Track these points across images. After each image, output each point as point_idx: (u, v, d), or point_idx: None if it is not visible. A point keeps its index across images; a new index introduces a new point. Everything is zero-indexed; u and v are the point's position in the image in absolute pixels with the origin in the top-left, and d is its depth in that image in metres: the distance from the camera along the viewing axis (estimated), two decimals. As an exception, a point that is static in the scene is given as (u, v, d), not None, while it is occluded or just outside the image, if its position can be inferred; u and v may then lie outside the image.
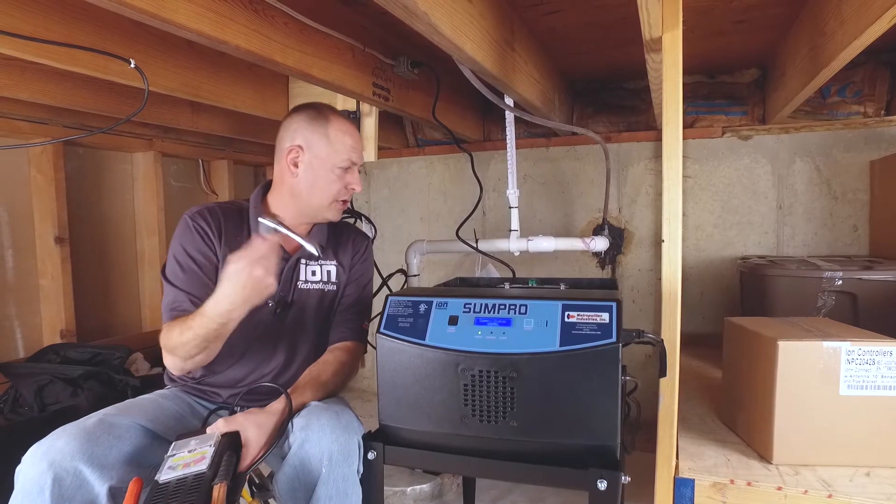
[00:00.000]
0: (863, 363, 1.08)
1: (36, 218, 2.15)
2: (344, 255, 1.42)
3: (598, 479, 0.99)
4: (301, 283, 1.35)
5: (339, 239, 1.44)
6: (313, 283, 1.37)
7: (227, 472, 0.94)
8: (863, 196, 2.25)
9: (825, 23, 1.48)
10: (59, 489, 0.95)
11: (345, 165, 1.31)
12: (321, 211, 1.34)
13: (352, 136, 1.34)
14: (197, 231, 1.27)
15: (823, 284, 1.67)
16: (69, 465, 0.97)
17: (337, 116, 1.34)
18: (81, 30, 1.29)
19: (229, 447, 1.00)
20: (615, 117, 2.59)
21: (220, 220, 1.30)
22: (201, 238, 1.27)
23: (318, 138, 1.29)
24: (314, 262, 1.38)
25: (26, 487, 0.95)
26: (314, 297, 1.36)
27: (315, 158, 1.30)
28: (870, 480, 1.06)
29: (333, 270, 1.40)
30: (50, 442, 1.00)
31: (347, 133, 1.33)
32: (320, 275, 1.38)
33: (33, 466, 0.97)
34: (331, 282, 1.39)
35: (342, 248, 1.43)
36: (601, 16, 1.75)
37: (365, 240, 1.49)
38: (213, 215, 1.30)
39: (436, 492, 2.07)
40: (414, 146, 2.98)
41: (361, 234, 1.50)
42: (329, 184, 1.31)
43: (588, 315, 1.06)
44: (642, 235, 2.58)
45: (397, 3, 0.98)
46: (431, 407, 1.11)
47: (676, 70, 1.08)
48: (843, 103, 2.24)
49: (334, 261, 1.40)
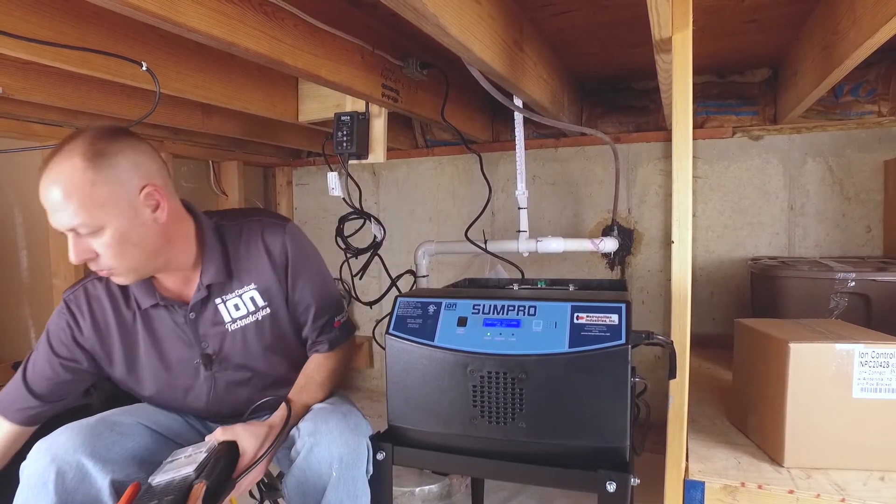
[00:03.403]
0: (876, 366, 1.07)
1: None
2: (261, 269, 1.18)
3: (608, 481, 0.98)
4: (230, 324, 1.17)
5: (248, 255, 1.19)
6: (242, 318, 1.18)
7: (210, 474, 0.94)
8: (876, 196, 2.22)
9: (838, 21, 1.46)
10: (63, 483, 0.97)
11: (61, 231, 1.00)
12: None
13: (48, 197, 0.97)
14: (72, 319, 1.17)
15: (836, 286, 1.66)
16: (72, 459, 0.98)
17: (47, 167, 0.98)
18: (95, 34, 1.31)
19: (225, 454, 1.00)
20: (624, 118, 2.58)
21: (102, 300, 1.16)
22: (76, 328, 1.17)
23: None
24: (231, 294, 1.17)
25: (30, 482, 0.97)
26: (251, 331, 1.19)
27: None
28: (884, 485, 1.04)
29: (256, 294, 1.18)
30: (53, 437, 1.01)
31: (43, 190, 0.98)
32: (244, 307, 1.18)
33: (37, 461, 0.98)
34: (259, 308, 1.19)
35: (253, 263, 1.19)
36: (610, 16, 1.74)
37: (280, 234, 1.20)
38: (91, 297, 1.17)
39: (444, 492, 2.07)
40: (423, 147, 2.98)
41: (274, 230, 1.20)
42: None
43: (597, 316, 1.05)
44: (652, 236, 2.56)
45: (406, 5, 0.99)
46: (440, 408, 1.11)
47: (686, 70, 1.07)
48: (857, 102, 2.21)
49: (251, 284, 1.18)
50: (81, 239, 1.00)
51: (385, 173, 3.07)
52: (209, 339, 1.18)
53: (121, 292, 1.16)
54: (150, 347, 1.18)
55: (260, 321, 1.20)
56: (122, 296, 1.16)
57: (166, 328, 1.18)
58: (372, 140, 1.97)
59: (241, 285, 1.18)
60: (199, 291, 1.15)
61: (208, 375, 1.20)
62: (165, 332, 1.18)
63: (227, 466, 0.99)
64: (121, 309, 1.16)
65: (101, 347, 1.17)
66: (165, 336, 1.18)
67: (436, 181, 2.96)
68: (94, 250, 1.01)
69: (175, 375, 1.20)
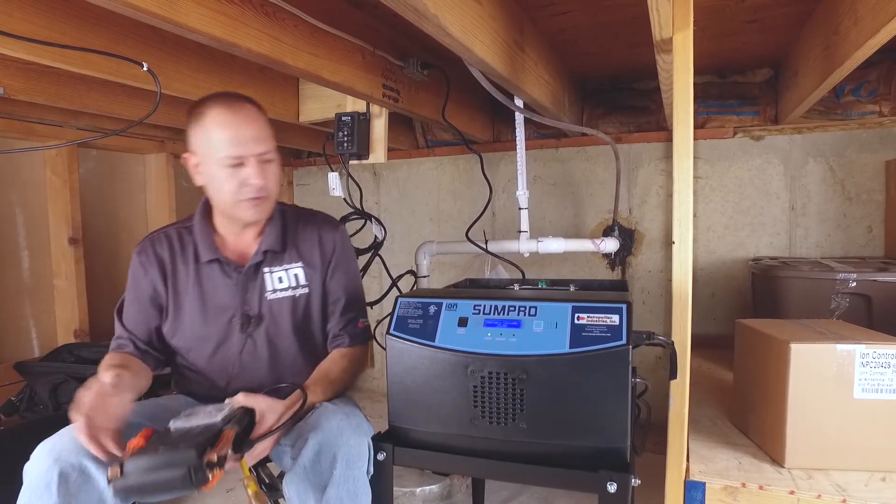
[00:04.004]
0: (878, 366, 1.07)
1: (51, 219, 2.18)
2: (310, 253, 1.31)
3: (608, 481, 0.98)
4: (269, 293, 1.27)
5: (302, 236, 1.32)
6: (282, 290, 1.28)
7: (240, 423, 0.98)
8: (878, 197, 2.22)
9: (839, 21, 1.46)
10: (66, 485, 0.97)
11: (229, 162, 1.15)
12: (233, 212, 1.23)
13: (230, 128, 1.15)
14: (142, 267, 1.28)
15: (837, 286, 1.65)
16: (74, 461, 0.98)
17: (216, 107, 1.16)
18: (96, 34, 1.31)
19: (245, 415, 1.02)
20: (625, 118, 2.58)
21: (164, 251, 1.28)
22: (144, 276, 1.28)
23: (198, 138, 1.18)
24: (278, 267, 1.28)
25: (33, 483, 0.97)
26: (286, 305, 1.28)
27: (202, 161, 1.19)
28: (886, 486, 1.04)
29: (301, 273, 1.30)
30: (56, 439, 1.01)
31: (224, 125, 1.15)
32: (288, 280, 1.29)
33: (40, 462, 0.98)
34: (300, 285, 1.29)
35: (307, 246, 1.31)
36: (611, 16, 1.74)
37: (334, 231, 1.35)
38: (157, 248, 1.29)
39: (445, 493, 2.07)
40: (424, 147, 2.98)
41: (329, 226, 1.36)
42: (222, 184, 1.18)
43: (598, 317, 1.05)
44: (653, 236, 2.56)
45: (407, 6, 0.99)
46: (441, 408, 1.11)
47: (687, 71, 1.07)
48: (858, 103, 2.21)
49: (300, 262, 1.30)
50: (261, 165, 1.18)
51: (386, 173, 3.07)
52: (251, 302, 1.27)
53: (179, 246, 1.29)
54: (196, 299, 1.27)
55: (296, 298, 1.29)
56: (181, 249, 1.29)
57: (216, 283, 1.27)
58: (373, 140, 1.98)
59: (290, 261, 1.30)
60: (256, 255, 1.27)
61: (241, 337, 1.27)
62: (215, 286, 1.27)
63: (248, 427, 1.02)
64: (177, 260, 1.28)
65: (161, 289, 1.28)
66: (213, 291, 1.27)
67: (437, 181, 2.96)
68: (266, 175, 1.19)
69: (211, 329, 1.27)
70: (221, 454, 0.90)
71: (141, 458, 0.89)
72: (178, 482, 0.87)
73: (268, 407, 1.06)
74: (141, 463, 0.88)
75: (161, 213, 2.58)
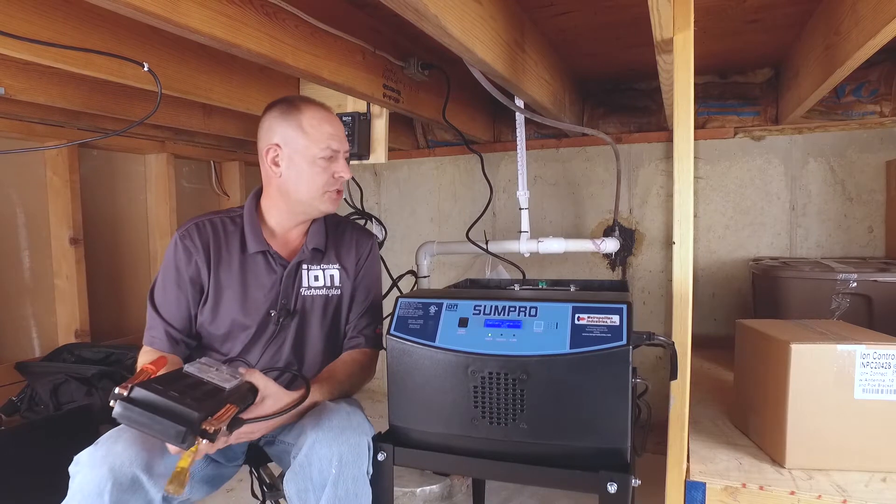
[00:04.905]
0: (878, 367, 1.07)
1: (51, 219, 2.18)
2: (347, 257, 1.38)
3: (609, 482, 0.98)
4: (304, 289, 1.32)
5: (341, 240, 1.40)
6: (317, 288, 1.34)
7: (243, 401, 1.00)
8: (878, 197, 2.22)
9: (840, 22, 1.46)
10: (118, 493, 0.96)
11: (326, 155, 1.26)
12: (314, 204, 1.29)
13: (329, 124, 1.28)
14: (185, 251, 1.27)
15: (837, 286, 1.65)
16: (128, 471, 0.98)
17: (311, 106, 1.28)
18: (97, 35, 1.31)
19: (248, 393, 1.04)
20: (626, 118, 2.58)
21: (208, 237, 1.29)
22: (187, 259, 1.27)
23: (292, 132, 1.25)
24: (316, 266, 1.34)
25: (85, 489, 0.96)
26: (318, 303, 1.33)
27: (294, 153, 1.26)
28: (886, 486, 1.04)
29: (337, 274, 1.36)
30: (108, 446, 1.01)
31: (323, 121, 1.27)
32: (323, 280, 1.35)
33: (93, 469, 0.97)
34: (334, 286, 1.35)
35: (344, 249, 1.39)
36: (612, 17, 1.74)
37: (369, 239, 1.44)
38: (202, 233, 1.29)
39: (445, 493, 2.07)
40: (424, 147, 2.98)
41: (365, 234, 1.45)
42: (314, 176, 1.26)
43: (598, 317, 1.05)
44: (653, 237, 2.56)
45: (408, 6, 0.99)
46: (441, 408, 1.11)
47: (688, 71, 1.07)
48: (859, 103, 2.21)
49: (337, 264, 1.36)
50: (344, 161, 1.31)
51: (386, 174, 3.07)
52: (289, 296, 1.31)
53: (224, 234, 1.31)
54: (238, 287, 1.29)
55: (329, 298, 1.35)
56: (225, 237, 1.31)
57: (260, 274, 1.30)
58: (373, 140, 1.98)
59: (329, 262, 1.36)
60: (303, 252, 1.32)
61: (273, 329, 1.29)
62: (258, 278, 1.30)
63: (248, 407, 1.03)
64: (221, 248, 1.30)
65: (205, 274, 1.28)
66: (256, 281, 1.30)
67: (437, 182, 2.96)
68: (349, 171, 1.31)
69: (250, 318, 1.28)
70: (217, 427, 0.90)
71: (150, 392, 0.89)
72: (170, 435, 0.87)
73: (273, 394, 1.08)
74: (149, 398, 0.89)
75: (161, 213, 2.58)
